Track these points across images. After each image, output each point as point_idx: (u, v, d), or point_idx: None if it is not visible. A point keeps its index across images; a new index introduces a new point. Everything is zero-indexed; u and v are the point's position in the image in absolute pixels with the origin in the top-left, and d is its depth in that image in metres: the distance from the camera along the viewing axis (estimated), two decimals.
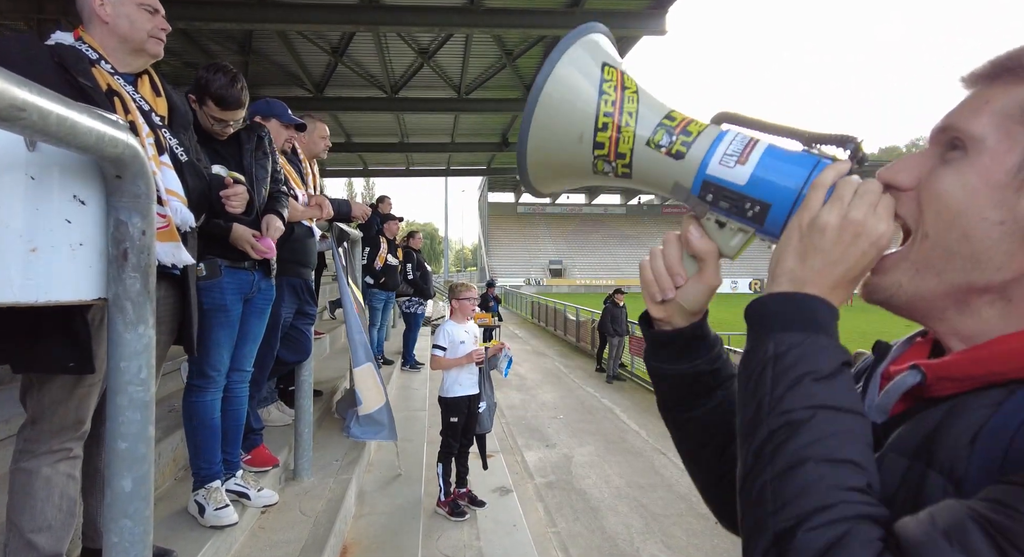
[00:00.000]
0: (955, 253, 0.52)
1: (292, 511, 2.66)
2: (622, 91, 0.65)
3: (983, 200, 0.50)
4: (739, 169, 0.59)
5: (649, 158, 0.64)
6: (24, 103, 0.82)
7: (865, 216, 0.53)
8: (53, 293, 1.21)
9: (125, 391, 1.18)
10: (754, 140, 0.61)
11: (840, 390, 0.49)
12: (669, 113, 0.65)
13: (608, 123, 0.64)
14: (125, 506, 1.19)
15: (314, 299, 3.26)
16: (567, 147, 0.66)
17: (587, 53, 0.67)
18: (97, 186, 1.27)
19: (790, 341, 0.51)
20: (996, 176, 0.50)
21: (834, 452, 0.46)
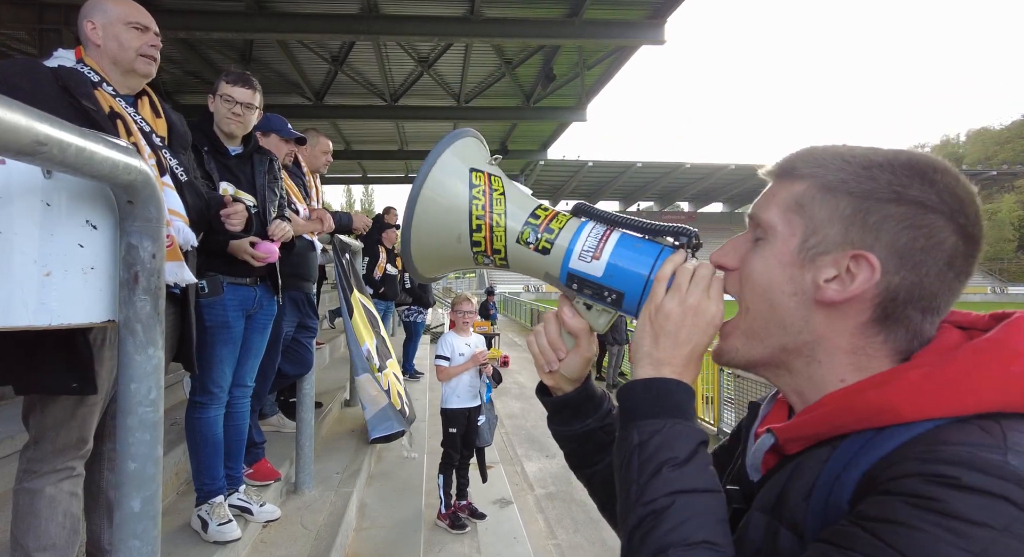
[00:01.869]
0: (768, 321, 0.62)
1: (294, 525, 2.66)
2: (490, 193, 0.73)
3: (780, 277, 0.61)
4: (595, 263, 0.69)
5: (521, 253, 0.73)
6: (47, 138, 0.84)
7: (699, 300, 0.65)
8: (66, 316, 1.22)
9: (135, 412, 1.19)
10: (608, 234, 0.71)
11: (695, 473, 0.58)
12: (534, 211, 0.74)
13: (481, 224, 0.73)
14: (134, 526, 1.20)
15: (315, 312, 3.27)
16: (448, 245, 0.75)
17: (457, 159, 0.74)
18: (108, 211, 1.29)
19: (651, 429, 0.61)
20: (786, 257, 0.61)
21: (691, 536, 0.54)
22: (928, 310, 0.58)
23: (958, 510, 0.45)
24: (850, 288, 0.58)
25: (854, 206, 0.58)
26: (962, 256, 0.57)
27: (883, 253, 0.57)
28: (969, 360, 0.54)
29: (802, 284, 0.60)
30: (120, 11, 1.66)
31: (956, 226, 0.57)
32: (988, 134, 77.96)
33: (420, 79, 10.55)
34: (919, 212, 0.57)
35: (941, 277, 0.57)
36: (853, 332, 0.59)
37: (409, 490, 3.74)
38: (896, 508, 0.46)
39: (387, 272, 6.46)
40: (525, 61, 10.02)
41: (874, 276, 0.57)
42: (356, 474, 3.39)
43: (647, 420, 0.61)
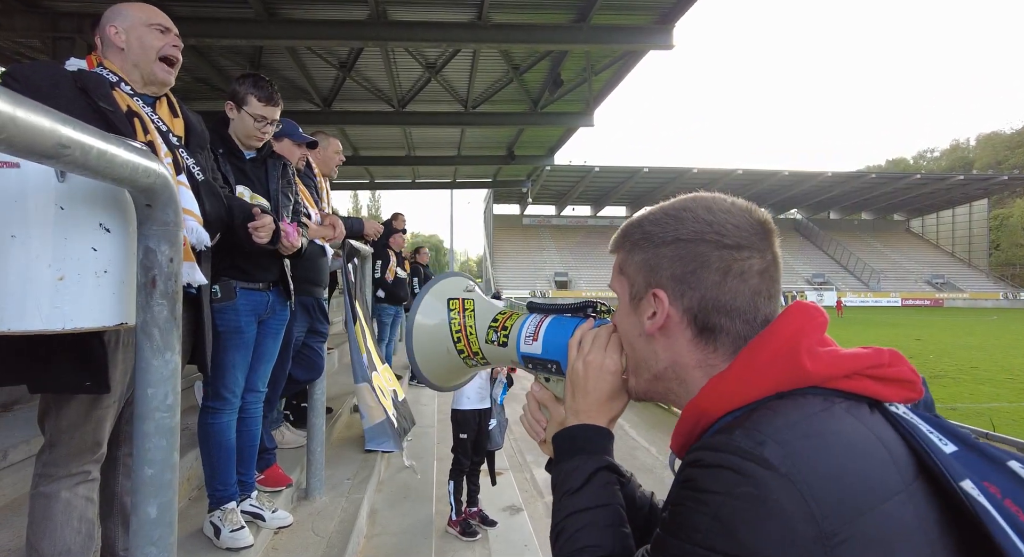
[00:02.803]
0: (635, 359, 0.79)
1: (305, 531, 2.65)
2: (463, 313, 0.99)
3: (627, 325, 0.78)
4: (535, 343, 0.90)
5: (491, 350, 0.96)
6: (70, 140, 0.84)
7: (595, 356, 0.82)
8: (78, 320, 1.22)
9: (152, 417, 1.18)
10: (543, 320, 0.91)
11: (587, 495, 0.76)
12: (495, 317, 0.97)
13: (460, 336, 0.98)
14: (150, 533, 1.18)
15: (326, 317, 3.27)
16: (442, 356, 1.00)
17: (436, 298, 1.02)
18: (121, 214, 1.28)
19: (561, 468, 0.81)
20: (625, 308, 0.79)
21: (575, 543, 0.73)
22: (731, 313, 0.70)
23: (701, 484, 0.57)
24: (658, 317, 0.73)
25: (643, 258, 0.75)
26: (737, 261, 0.69)
27: (668, 284, 0.72)
28: (746, 357, 0.67)
29: (639, 326, 0.76)
30: (141, 15, 1.69)
31: (712, 244, 0.70)
32: (999, 138, 77.31)
33: (428, 85, 10.58)
34: (681, 245, 0.72)
35: (722, 285, 0.69)
36: (689, 349, 0.72)
37: (420, 496, 3.72)
38: (674, 493, 0.61)
39: (397, 275, 6.47)
40: (532, 67, 10.03)
41: (665, 303, 0.72)
42: (367, 480, 3.37)
43: (559, 463, 0.81)
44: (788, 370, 0.63)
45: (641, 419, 9.23)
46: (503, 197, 57.72)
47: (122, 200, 1.28)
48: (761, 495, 0.54)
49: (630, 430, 8.58)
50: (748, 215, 0.72)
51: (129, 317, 1.27)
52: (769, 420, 0.59)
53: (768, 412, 0.60)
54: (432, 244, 63.58)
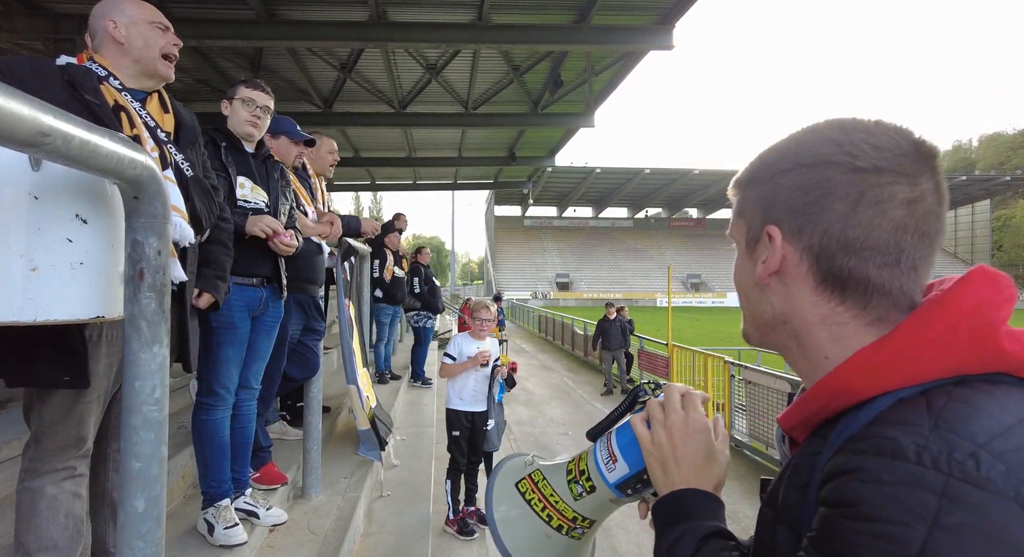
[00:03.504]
0: (748, 310, 0.69)
1: (301, 529, 2.64)
2: (537, 488, 0.89)
3: (743, 273, 0.68)
4: (619, 465, 0.80)
5: (586, 504, 0.84)
6: (50, 129, 0.83)
7: (675, 418, 0.73)
8: (52, 312, 1.21)
9: (140, 411, 1.17)
10: (608, 437, 0.83)
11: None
12: (567, 469, 0.87)
13: (550, 513, 0.86)
14: (138, 527, 1.17)
15: (322, 315, 3.27)
16: (546, 543, 0.87)
17: (503, 490, 0.92)
18: (100, 205, 1.27)
19: (660, 542, 0.69)
20: (742, 255, 0.68)
21: None
22: (862, 253, 0.57)
23: (872, 510, 0.43)
24: (771, 260, 0.62)
25: (759, 192, 0.65)
26: (873, 187, 0.57)
27: (784, 219, 0.61)
28: (914, 324, 0.54)
29: (754, 273, 0.65)
30: (143, 12, 1.69)
31: (840, 167, 0.58)
32: (1001, 139, 77.06)
33: (428, 86, 10.60)
34: (801, 172, 0.60)
35: (851, 217, 0.57)
36: (812, 302, 0.61)
37: (417, 496, 3.71)
38: (828, 520, 0.47)
39: (395, 275, 6.46)
40: (533, 67, 10.05)
41: (778, 242, 0.61)
42: (363, 479, 3.36)
43: (663, 530, 0.69)
44: (977, 349, 0.51)
45: None
46: (504, 198, 57.78)
47: (101, 191, 1.27)
48: (985, 527, 0.41)
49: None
50: (896, 135, 0.59)
51: (107, 310, 1.26)
52: (968, 418, 0.46)
53: (960, 406, 0.47)
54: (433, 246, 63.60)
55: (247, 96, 2.34)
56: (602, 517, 0.87)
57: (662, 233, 63.58)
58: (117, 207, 1.29)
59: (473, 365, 3.91)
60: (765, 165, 0.65)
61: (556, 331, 19.14)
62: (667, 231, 63.75)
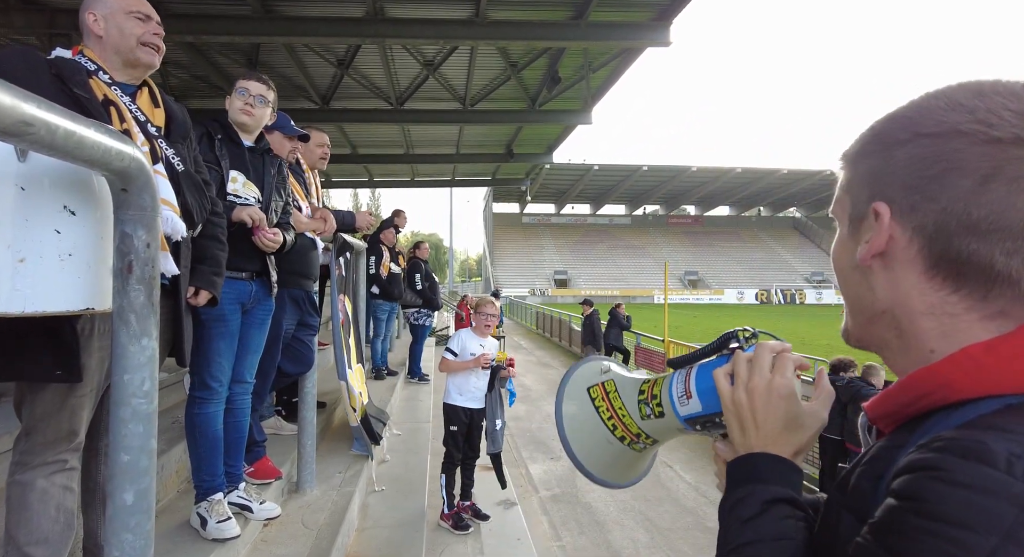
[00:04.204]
0: (849, 299, 0.64)
1: (295, 524, 2.65)
2: (608, 398, 0.89)
3: (843, 255, 0.63)
4: (692, 402, 0.77)
5: (652, 426, 0.84)
6: (33, 118, 0.83)
7: (759, 380, 0.67)
8: (39, 303, 1.21)
9: (128, 403, 1.17)
10: (688, 373, 0.80)
11: (763, 525, 0.60)
12: (640, 389, 0.86)
13: (615, 424, 0.87)
14: (126, 519, 1.17)
15: (316, 310, 3.27)
16: (606, 450, 0.89)
17: (574, 391, 0.92)
18: (88, 197, 1.27)
19: (725, 498, 0.65)
20: (844, 235, 0.63)
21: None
22: (989, 236, 0.49)
23: (944, 510, 0.41)
24: (875, 239, 0.56)
25: (869, 166, 0.59)
26: (1013, 162, 0.49)
27: (897, 195, 0.55)
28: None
29: (856, 256, 0.59)
30: (121, 2, 1.67)
31: (972, 138, 0.50)
32: None
33: (426, 82, 10.58)
34: (922, 143, 0.53)
35: (979, 194, 0.50)
36: (920, 289, 0.54)
37: (412, 490, 3.72)
38: (893, 512, 0.44)
39: (391, 271, 6.45)
40: (530, 64, 10.02)
41: (885, 220, 0.55)
42: (359, 474, 3.37)
43: (732, 488, 0.65)
44: None
45: None
46: (502, 195, 57.75)
47: (90, 183, 1.27)
48: None
49: None
50: None
51: (97, 302, 1.25)
52: None
53: None
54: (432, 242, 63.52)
55: (241, 85, 2.35)
56: (665, 438, 0.86)
57: (660, 230, 63.58)
58: (106, 199, 1.28)
59: (475, 366, 3.92)
60: (878, 136, 0.58)
61: (554, 328, 19.17)
62: (665, 228, 63.76)
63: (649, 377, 0.88)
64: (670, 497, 5.88)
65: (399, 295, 6.64)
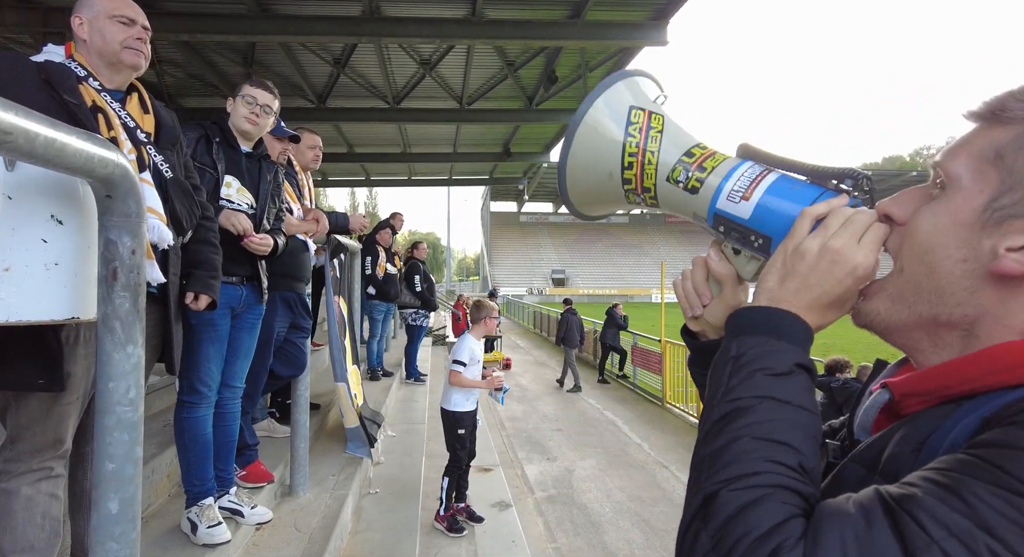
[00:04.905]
0: (922, 287, 0.54)
1: (287, 528, 2.63)
2: (647, 132, 0.73)
3: (950, 238, 0.52)
4: (743, 204, 0.65)
5: (670, 192, 0.71)
6: (11, 126, 0.82)
7: (844, 245, 0.56)
8: (24, 312, 1.20)
9: (113, 411, 1.16)
10: (763, 174, 0.65)
11: (790, 387, 0.52)
12: (689, 150, 0.71)
13: (633, 162, 0.72)
14: (111, 528, 1.16)
15: (308, 313, 3.25)
16: (600, 181, 0.76)
17: (618, 98, 0.74)
18: (76, 206, 1.26)
19: (751, 343, 0.56)
20: (964, 215, 0.52)
21: (769, 433, 0.49)
22: None
23: None
24: None
25: None
26: None
27: None
28: None
29: (976, 249, 0.51)
30: (106, 5, 1.65)
31: None
32: None
33: (422, 81, 10.56)
34: None
35: None
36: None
37: (407, 493, 3.71)
38: (1017, 434, 0.41)
39: (387, 272, 6.43)
40: (527, 63, 10.02)
41: None
42: (352, 477, 3.36)
43: (748, 336, 0.56)
44: None
45: (635, 415, 9.25)
46: (500, 194, 57.68)
47: (78, 192, 1.26)
48: None
49: (623, 426, 8.59)
50: None
51: (82, 311, 1.24)
52: None
53: None
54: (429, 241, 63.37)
55: (249, 93, 2.35)
56: (671, 211, 0.74)
57: (657, 229, 63.62)
58: (93, 208, 1.28)
59: (488, 386, 3.95)
60: None
61: (551, 327, 19.15)
62: (662, 227, 63.79)
63: (703, 144, 0.73)
64: (665, 498, 5.88)
65: (395, 296, 6.63)
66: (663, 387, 9.85)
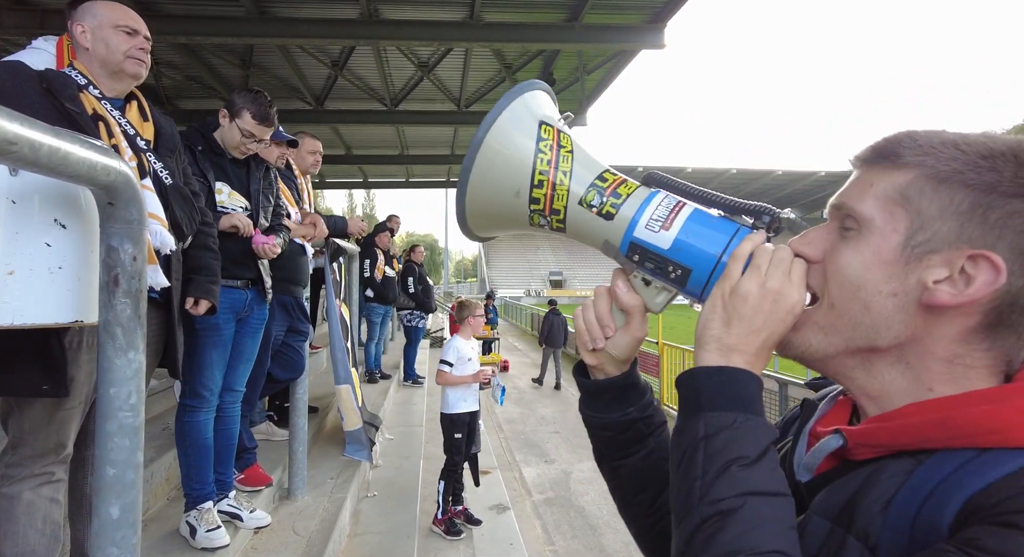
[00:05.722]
0: (859, 322, 0.57)
1: (285, 531, 2.64)
2: (558, 150, 0.69)
3: (878, 275, 0.56)
4: (663, 234, 0.64)
5: (581, 216, 0.68)
6: (16, 136, 0.83)
7: (781, 284, 0.59)
8: (28, 316, 1.21)
9: (115, 417, 1.17)
10: (680, 205, 0.65)
11: (766, 474, 0.53)
12: (602, 174, 0.69)
13: (543, 181, 0.68)
14: (112, 534, 1.17)
15: (306, 316, 3.26)
16: (506, 200, 0.70)
17: (527, 111, 0.70)
18: (79, 211, 1.27)
19: (720, 423, 0.55)
20: (887, 254, 0.56)
21: (761, 544, 0.49)
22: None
23: None
24: (967, 291, 0.52)
25: (972, 200, 0.53)
26: None
27: (1006, 253, 0.52)
28: None
29: (904, 284, 0.55)
30: (109, 15, 1.66)
31: None
32: None
33: (420, 84, 10.56)
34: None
35: None
36: (955, 339, 0.54)
37: (405, 495, 3.71)
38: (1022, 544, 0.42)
39: (386, 274, 6.45)
40: (525, 66, 10.02)
41: (998, 279, 0.51)
42: (350, 480, 3.36)
43: (715, 412, 0.55)
44: None
45: None
46: None
47: (81, 197, 1.27)
48: None
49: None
50: None
51: (85, 315, 1.25)
52: None
53: None
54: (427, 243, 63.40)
55: (249, 129, 2.29)
56: (578, 238, 0.71)
57: None
58: (96, 212, 1.29)
59: (473, 381, 3.95)
60: (981, 170, 0.53)
61: None
62: None
63: (616, 172, 0.71)
64: None
65: (394, 298, 6.64)
66: (661, 389, 9.86)
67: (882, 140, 0.60)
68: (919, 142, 0.57)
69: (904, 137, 0.58)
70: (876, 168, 0.59)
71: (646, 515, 0.77)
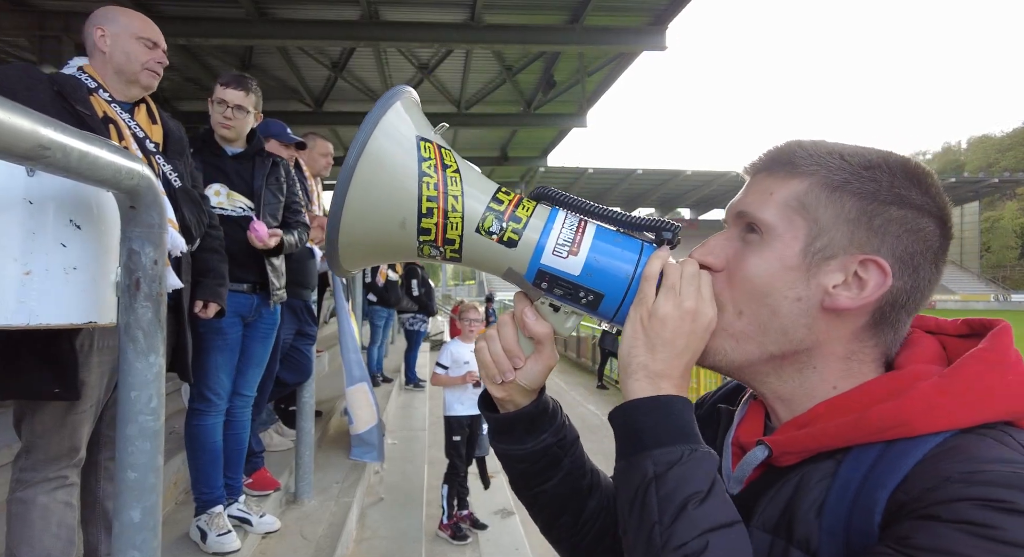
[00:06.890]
0: (769, 327, 0.59)
1: (293, 535, 2.63)
2: (443, 170, 0.62)
3: (782, 281, 0.58)
4: (572, 260, 0.60)
5: (480, 245, 0.62)
6: (50, 142, 0.83)
7: (696, 303, 0.59)
8: (44, 316, 1.20)
9: (135, 420, 1.16)
10: (583, 224, 0.62)
11: (719, 505, 0.53)
12: (495, 195, 0.63)
13: (433, 208, 0.60)
14: (133, 537, 1.17)
15: (314, 319, 3.25)
16: (388, 231, 0.62)
17: (402, 126, 0.62)
18: (94, 211, 1.27)
19: (668, 459, 0.54)
20: (789, 260, 0.58)
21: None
22: (913, 313, 0.59)
23: (1017, 537, 0.43)
24: (862, 294, 0.56)
25: (859, 208, 0.57)
26: (943, 256, 0.58)
27: (888, 257, 0.56)
28: (974, 370, 0.53)
29: (806, 289, 0.58)
30: (133, 24, 1.68)
31: (943, 229, 0.58)
32: (990, 141, 78.11)
33: (420, 85, 10.56)
34: (917, 216, 0.57)
35: (931, 279, 0.58)
36: (849, 338, 0.59)
37: (410, 500, 3.70)
38: (950, 537, 0.44)
39: (388, 278, 6.44)
40: (526, 68, 10.03)
41: (886, 281, 0.56)
42: (356, 484, 3.35)
43: (660, 448, 0.55)
44: None
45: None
46: None
47: (96, 198, 1.26)
48: None
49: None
50: None
51: (99, 316, 1.25)
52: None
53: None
54: None
55: (220, 97, 2.28)
56: (472, 263, 0.64)
57: None
58: (110, 213, 1.28)
59: (462, 382, 3.95)
60: (864, 180, 0.57)
61: None
62: None
63: (508, 190, 0.65)
64: None
65: (396, 301, 6.63)
66: None
67: (774, 149, 0.63)
68: (809, 151, 0.60)
69: (795, 146, 0.61)
70: (773, 176, 0.61)
71: (571, 536, 0.76)
